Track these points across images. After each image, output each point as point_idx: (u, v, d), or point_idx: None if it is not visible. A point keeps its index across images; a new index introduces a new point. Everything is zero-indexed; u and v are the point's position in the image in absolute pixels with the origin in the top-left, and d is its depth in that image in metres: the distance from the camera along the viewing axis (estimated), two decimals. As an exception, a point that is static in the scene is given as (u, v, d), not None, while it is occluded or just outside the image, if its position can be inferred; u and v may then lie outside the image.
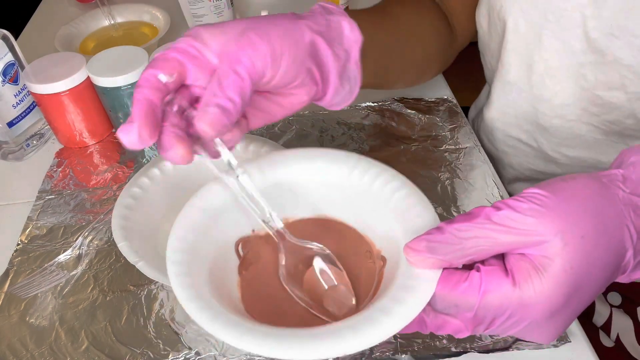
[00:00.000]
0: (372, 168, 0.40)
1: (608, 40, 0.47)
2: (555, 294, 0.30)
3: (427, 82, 0.69)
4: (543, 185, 0.31)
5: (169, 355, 0.44)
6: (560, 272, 0.29)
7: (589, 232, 0.30)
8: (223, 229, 0.39)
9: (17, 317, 0.48)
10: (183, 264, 0.34)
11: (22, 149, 0.64)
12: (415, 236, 0.32)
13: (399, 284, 0.32)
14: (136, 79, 0.60)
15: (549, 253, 0.29)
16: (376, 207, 0.39)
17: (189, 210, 0.38)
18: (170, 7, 0.82)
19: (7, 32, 0.61)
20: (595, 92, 0.51)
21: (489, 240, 0.30)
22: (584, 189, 0.31)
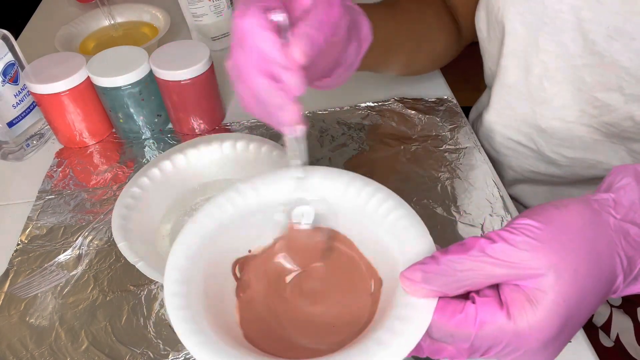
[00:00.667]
0: (366, 186, 0.40)
1: (606, 42, 0.47)
2: (548, 326, 0.30)
3: (427, 82, 0.69)
4: (536, 214, 0.32)
5: (169, 355, 0.44)
6: (554, 305, 0.30)
7: (581, 265, 0.31)
8: (220, 251, 0.39)
9: (17, 317, 0.48)
10: (181, 296, 0.34)
11: (22, 149, 0.64)
12: (411, 262, 0.33)
13: (395, 314, 0.32)
14: (136, 79, 0.60)
15: (543, 286, 0.30)
16: (372, 226, 0.39)
17: (184, 237, 0.37)
18: (170, 7, 0.82)
19: (7, 32, 0.61)
20: (593, 93, 0.51)
21: (483, 273, 0.31)
22: (576, 219, 0.32)
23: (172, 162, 0.53)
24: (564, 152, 0.57)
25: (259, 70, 0.35)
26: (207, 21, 0.77)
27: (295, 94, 0.35)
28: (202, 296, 0.35)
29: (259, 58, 0.35)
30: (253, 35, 0.34)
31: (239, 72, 0.37)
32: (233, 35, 0.37)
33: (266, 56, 0.34)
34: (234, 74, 0.38)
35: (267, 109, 0.36)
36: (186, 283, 0.35)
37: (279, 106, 0.35)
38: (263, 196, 0.40)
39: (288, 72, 0.34)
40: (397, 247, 0.36)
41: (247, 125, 0.65)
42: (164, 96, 0.62)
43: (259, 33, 0.34)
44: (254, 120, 0.66)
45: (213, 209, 0.39)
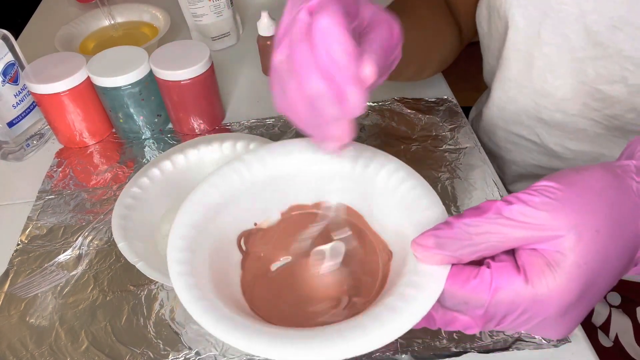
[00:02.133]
0: (376, 157, 0.39)
1: (610, 33, 0.47)
2: (568, 290, 0.29)
3: (427, 82, 0.69)
4: (555, 177, 0.30)
5: (169, 355, 0.44)
6: (574, 268, 0.28)
7: (603, 226, 0.29)
8: (224, 223, 0.38)
9: (17, 317, 0.48)
10: (185, 263, 0.34)
11: (22, 149, 0.64)
12: (423, 231, 0.31)
13: (407, 280, 0.32)
14: (136, 79, 0.60)
15: (563, 248, 0.29)
16: (382, 198, 0.38)
17: (189, 206, 0.37)
18: (170, 7, 0.82)
19: (7, 32, 0.61)
20: (595, 86, 0.51)
21: (500, 236, 0.29)
22: (598, 181, 0.30)
23: (172, 162, 0.53)
24: (567, 145, 0.57)
25: (323, 73, 0.31)
26: (207, 21, 0.77)
27: (355, 113, 0.32)
28: (207, 266, 0.35)
29: (327, 60, 0.31)
30: (330, 35, 0.30)
31: (296, 68, 0.32)
32: (292, 28, 0.32)
33: (338, 62, 0.30)
34: (283, 68, 0.34)
35: (317, 117, 0.33)
36: (191, 251, 0.34)
37: (333, 118, 0.32)
38: (270, 169, 0.39)
39: (356, 86, 0.31)
40: (408, 219, 0.36)
41: (247, 125, 0.65)
42: (164, 96, 0.62)
43: (338, 34, 0.30)
44: (254, 120, 0.66)
45: (218, 179, 0.38)
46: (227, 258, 0.38)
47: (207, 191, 0.38)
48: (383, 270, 0.37)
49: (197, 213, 0.37)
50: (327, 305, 0.37)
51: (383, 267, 0.38)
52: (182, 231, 0.35)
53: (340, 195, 0.41)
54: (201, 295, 0.32)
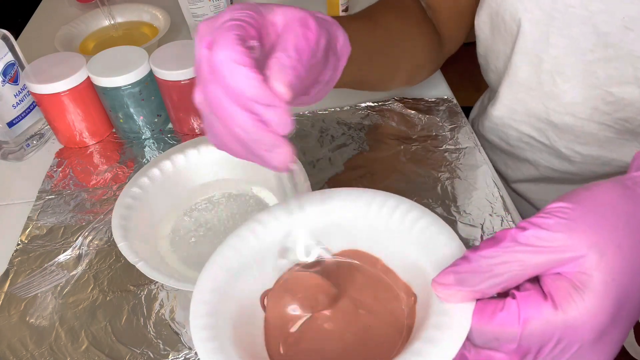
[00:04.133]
0: (388, 200, 0.39)
1: (621, 33, 0.47)
2: (600, 310, 0.28)
3: (427, 82, 0.69)
4: (566, 197, 0.30)
5: (169, 355, 0.44)
6: (602, 286, 0.27)
7: (624, 239, 0.28)
8: (247, 284, 0.38)
9: (17, 317, 0.48)
10: (208, 329, 0.33)
11: (22, 149, 0.64)
12: (442, 268, 0.31)
13: (432, 323, 0.31)
14: (136, 79, 0.60)
15: (586, 268, 0.28)
16: (399, 239, 0.38)
17: (209, 270, 0.37)
18: (170, 7, 0.82)
19: (7, 32, 0.61)
20: (606, 88, 0.50)
21: (519, 264, 0.28)
22: (609, 195, 0.29)
23: (172, 162, 0.53)
24: (577, 149, 0.57)
25: (240, 106, 0.31)
26: (207, 21, 0.77)
27: (283, 133, 0.32)
28: (230, 329, 0.35)
29: (238, 93, 0.31)
30: (229, 68, 0.31)
31: (214, 110, 0.33)
32: (200, 67, 0.33)
33: (245, 92, 0.31)
34: (205, 109, 0.34)
35: (252, 149, 0.33)
36: (212, 316, 0.34)
37: (267, 147, 0.33)
38: (285, 225, 0.39)
39: (272, 110, 0.31)
40: (426, 257, 0.35)
41: (247, 125, 0.65)
42: (164, 96, 0.62)
43: (235, 69, 0.30)
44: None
45: (236, 241, 0.38)
46: (251, 319, 0.38)
47: (226, 254, 0.38)
48: (409, 313, 0.37)
49: (218, 277, 0.36)
50: (354, 357, 0.36)
51: (409, 312, 0.37)
52: (204, 297, 0.35)
53: (355, 242, 0.41)
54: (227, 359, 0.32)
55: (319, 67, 0.37)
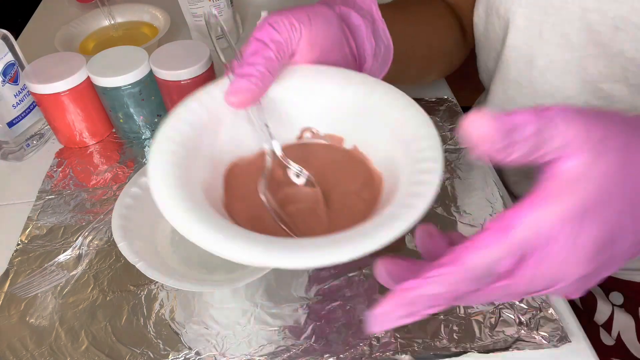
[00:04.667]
0: (367, 82, 0.40)
1: (611, 32, 0.47)
2: (581, 194, 0.27)
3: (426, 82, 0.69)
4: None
5: (169, 355, 0.44)
6: (582, 181, 0.27)
7: (610, 136, 0.27)
8: (210, 149, 0.38)
9: (17, 317, 0.48)
10: (175, 153, 0.34)
11: (22, 149, 0.64)
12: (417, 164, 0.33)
13: (400, 201, 0.32)
14: (136, 79, 0.60)
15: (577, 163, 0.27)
16: (375, 124, 0.39)
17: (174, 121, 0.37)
18: (170, 7, 0.82)
19: (7, 32, 0.61)
20: (597, 85, 0.51)
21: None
22: (613, 117, 0.28)
23: (172, 162, 0.53)
24: None
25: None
26: (207, 21, 0.77)
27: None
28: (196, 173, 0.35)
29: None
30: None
31: None
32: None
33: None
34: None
35: None
36: (183, 146, 0.35)
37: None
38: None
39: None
40: (404, 151, 0.36)
41: (247, 125, 0.65)
42: (164, 96, 0.62)
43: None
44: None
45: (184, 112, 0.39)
46: (213, 178, 0.38)
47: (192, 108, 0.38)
48: (373, 191, 0.38)
49: (183, 131, 0.37)
50: (315, 223, 0.37)
51: (374, 191, 0.38)
52: (170, 147, 0.35)
53: (335, 121, 0.41)
54: (184, 191, 0.32)
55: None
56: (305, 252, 0.28)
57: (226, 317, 0.46)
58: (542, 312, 0.44)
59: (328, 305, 0.46)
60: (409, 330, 0.44)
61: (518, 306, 0.45)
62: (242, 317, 0.46)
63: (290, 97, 0.41)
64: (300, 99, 0.41)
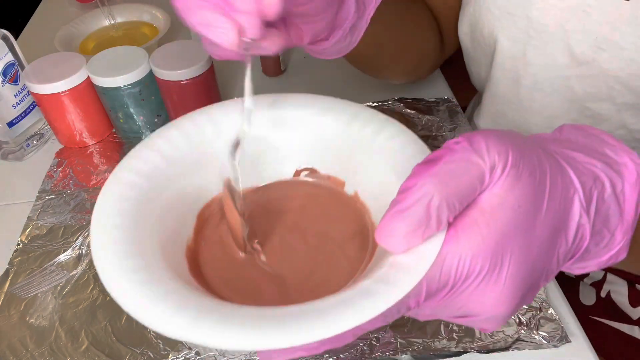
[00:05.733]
0: (349, 108, 0.36)
1: (594, 52, 0.47)
2: (494, 229, 0.25)
3: (427, 82, 0.69)
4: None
5: (169, 355, 0.44)
6: (504, 212, 0.26)
7: (522, 162, 0.26)
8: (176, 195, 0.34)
9: (17, 317, 0.48)
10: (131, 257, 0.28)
11: (22, 149, 0.64)
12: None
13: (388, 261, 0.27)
14: (136, 79, 0.60)
15: (491, 195, 0.26)
16: (358, 151, 0.35)
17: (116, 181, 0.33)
18: (170, 7, 0.81)
19: (7, 32, 0.61)
20: (583, 104, 0.50)
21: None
22: (514, 133, 0.27)
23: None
24: None
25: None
26: (207, 21, 0.77)
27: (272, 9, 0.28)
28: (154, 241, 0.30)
29: None
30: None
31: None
32: None
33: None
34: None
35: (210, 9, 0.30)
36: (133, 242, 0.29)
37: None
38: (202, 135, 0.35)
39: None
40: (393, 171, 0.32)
41: (247, 125, 0.65)
42: (164, 96, 0.62)
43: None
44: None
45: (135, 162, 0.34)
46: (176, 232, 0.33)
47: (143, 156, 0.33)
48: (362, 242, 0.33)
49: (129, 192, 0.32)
50: (290, 288, 0.32)
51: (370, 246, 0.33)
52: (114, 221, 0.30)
53: (325, 164, 0.37)
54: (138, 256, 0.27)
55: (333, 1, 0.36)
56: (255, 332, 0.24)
57: (226, 317, 0.46)
58: (542, 312, 0.44)
59: (328, 305, 0.46)
60: (409, 330, 0.44)
61: (518, 306, 0.45)
62: (242, 317, 0.46)
63: (287, 132, 0.37)
64: (297, 134, 0.37)
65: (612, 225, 0.29)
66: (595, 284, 0.62)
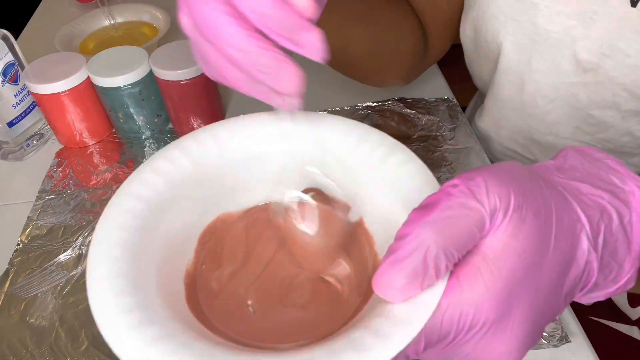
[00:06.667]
0: (357, 129, 0.35)
1: (599, 59, 0.47)
2: (496, 284, 0.24)
3: (427, 82, 0.69)
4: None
5: (169, 355, 0.44)
6: (508, 258, 0.25)
7: (530, 210, 0.24)
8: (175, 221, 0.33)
9: (17, 317, 0.48)
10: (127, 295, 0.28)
11: (22, 149, 0.64)
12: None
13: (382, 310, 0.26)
14: (136, 79, 0.60)
15: (492, 241, 0.25)
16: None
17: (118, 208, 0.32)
18: (170, 7, 0.82)
19: (7, 32, 0.61)
20: (588, 111, 0.50)
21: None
22: (515, 168, 0.26)
23: (172, 162, 0.53)
24: None
25: (242, 28, 0.27)
26: (207, 21, 0.77)
27: (320, 56, 0.27)
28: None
29: (249, 11, 0.27)
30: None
31: (203, 30, 0.29)
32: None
33: (261, 11, 0.26)
34: (194, 34, 0.31)
35: (253, 73, 0.29)
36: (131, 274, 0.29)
37: (270, 67, 0.28)
38: (224, 152, 0.34)
39: (306, 30, 0.27)
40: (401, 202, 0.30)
41: (247, 125, 0.65)
42: (164, 96, 0.62)
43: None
44: (254, 120, 0.65)
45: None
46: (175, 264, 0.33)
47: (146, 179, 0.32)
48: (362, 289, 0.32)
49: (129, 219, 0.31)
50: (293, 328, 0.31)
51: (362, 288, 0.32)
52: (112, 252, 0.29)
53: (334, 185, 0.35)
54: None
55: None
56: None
57: (226, 317, 0.46)
58: (542, 312, 0.44)
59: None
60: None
61: (518, 306, 0.45)
62: (242, 317, 0.46)
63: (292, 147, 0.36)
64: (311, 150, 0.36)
65: (620, 257, 0.28)
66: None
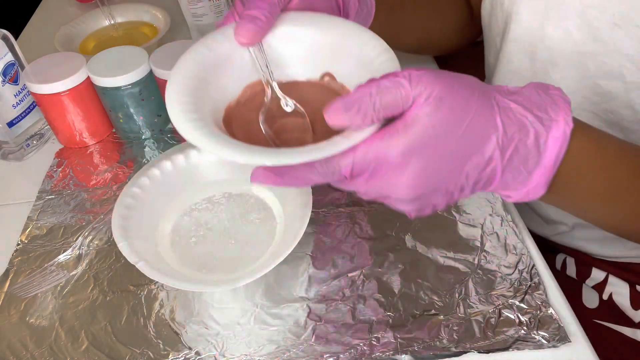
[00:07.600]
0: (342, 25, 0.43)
1: (610, 29, 0.47)
2: (404, 140, 0.33)
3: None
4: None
5: (169, 355, 0.44)
6: (413, 119, 0.33)
7: (448, 94, 0.33)
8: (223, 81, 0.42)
9: (17, 317, 0.48)
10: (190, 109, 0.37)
11: (22, 149, 0.64)
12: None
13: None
14: (136, 79, 0.60)
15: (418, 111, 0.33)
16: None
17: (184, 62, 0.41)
18: (170, 7, 0.82)
19: (7, 32, 0.61)
20: (595, 80, 0.51)
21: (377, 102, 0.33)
22: (467, 80, 0.35)
23: (172, 162, 0.53)
24: None
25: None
26: (207, 21, 0.77)
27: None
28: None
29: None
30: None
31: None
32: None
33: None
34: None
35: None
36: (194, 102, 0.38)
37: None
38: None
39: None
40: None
41: (247, 125, 0.65)
42: (164, 96, 0.62)
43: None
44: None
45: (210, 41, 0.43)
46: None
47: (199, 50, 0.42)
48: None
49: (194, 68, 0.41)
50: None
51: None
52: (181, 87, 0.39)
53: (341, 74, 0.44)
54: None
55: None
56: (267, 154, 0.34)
57: (226, 317, 0.46)
58: (542, 312, 0.44)
59: (328, 305, 0.46)
60: (409, 330, 0.44)
61: (518, 306, 0.45)
62: (242, 317, 0.46)
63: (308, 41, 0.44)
64: (320, 42, 0.44)
65: (529, 166, 0.35)
66: (597, 287, 0.62)
